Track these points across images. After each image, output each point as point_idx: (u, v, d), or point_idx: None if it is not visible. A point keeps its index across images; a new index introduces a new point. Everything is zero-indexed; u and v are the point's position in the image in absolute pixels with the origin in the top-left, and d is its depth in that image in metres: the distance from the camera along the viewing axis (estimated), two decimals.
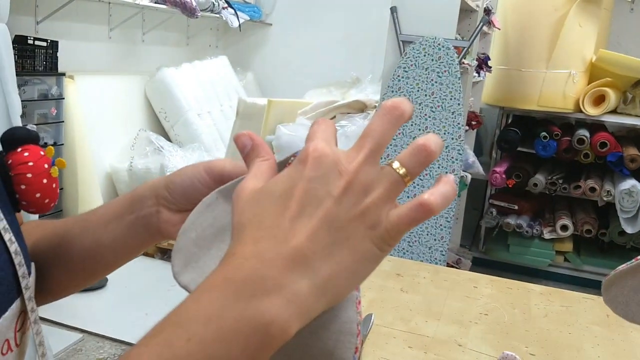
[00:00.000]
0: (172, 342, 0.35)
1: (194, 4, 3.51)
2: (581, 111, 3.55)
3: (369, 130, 0.39)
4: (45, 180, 0.59)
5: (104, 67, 3.50)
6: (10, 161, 0.58)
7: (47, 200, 0.60)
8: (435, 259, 2.70)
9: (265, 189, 0.40)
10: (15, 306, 0.57)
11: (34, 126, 0.62)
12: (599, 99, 3.51)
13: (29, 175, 0.58)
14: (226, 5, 4.01)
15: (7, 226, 0.54)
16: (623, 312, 0.62)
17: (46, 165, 0.59)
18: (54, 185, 0.60)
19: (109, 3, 3.33)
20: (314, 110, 3.31)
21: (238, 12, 4.10)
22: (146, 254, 3.04)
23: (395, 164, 0.38)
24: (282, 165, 0.52)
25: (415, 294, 1.25)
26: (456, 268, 3.07)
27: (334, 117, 3.30)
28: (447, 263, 2.98)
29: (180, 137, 3.76)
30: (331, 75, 4.23)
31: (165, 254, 3.10)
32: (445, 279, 1.36)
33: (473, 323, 1.15)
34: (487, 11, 3.00)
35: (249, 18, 4.31)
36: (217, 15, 3.94)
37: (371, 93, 3.58)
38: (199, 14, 3.57)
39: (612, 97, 3.43)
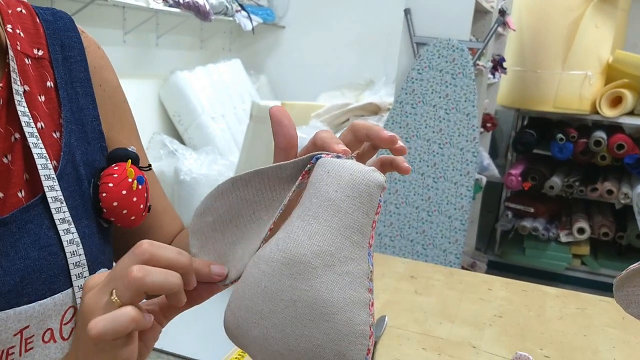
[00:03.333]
0: None
1: (208, 7, 3.52)
2: (598, 113, 3.51)
3: None
4: (124, 192, 0.64)
5: (118, 70, 3.48)
6: (102, 173, 0.65)
7: (125, 211, 0.65)
8: (450, 262, 2.67)
9: None
10: (61, 296, 0.58)
11: (134, 148, 0.69)
12: (616, 101, 3.47)
13: (111, 184, 0.64)
14: (239, 8, 4.01)
15: (68, 218, 0.60)
16: (636, 312, 0.61)
17: (130, 180, 0.65)
18: (134, 199, 0.65)
19: (124, 7, 3.35)
20: (328, 113, 3.30)
21: (251, 15, 4.11)
22: None
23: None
24: (301, 164, 0.51)
25: (429, 296, 1.24)
26: (471, 271, 3.04)
27: (347, 119, 3.29)
28: (462, 266, 2.96)
29: (194, 140, 3.77)
30: (344, 78, 4.22)
31: None
32: (460, 281, 1.35)
33: (487, 325, 1.13)
34: (502, 12, 2.98)
35: (262, 21, 4.31)
36: (231, 19, 3.94)
37: (385, 95, 3.57)
38: (212, 18, 3.58)
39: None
